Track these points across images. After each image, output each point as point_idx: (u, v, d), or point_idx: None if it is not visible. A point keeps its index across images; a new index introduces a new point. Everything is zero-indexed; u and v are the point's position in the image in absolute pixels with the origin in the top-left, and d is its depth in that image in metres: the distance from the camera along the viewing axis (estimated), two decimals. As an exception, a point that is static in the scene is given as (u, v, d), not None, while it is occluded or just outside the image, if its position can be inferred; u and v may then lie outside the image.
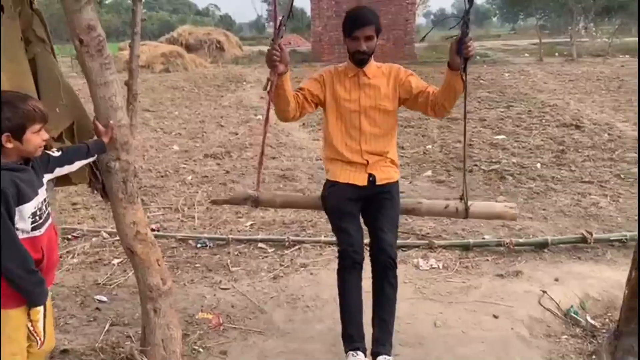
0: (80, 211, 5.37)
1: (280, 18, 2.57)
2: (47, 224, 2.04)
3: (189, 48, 22.22)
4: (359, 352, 2.58)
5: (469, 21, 2.42)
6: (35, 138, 1.95)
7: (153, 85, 14.42)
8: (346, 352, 2.63)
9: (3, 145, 1.88)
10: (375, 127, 2.81)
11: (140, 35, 2.65)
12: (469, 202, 2.86)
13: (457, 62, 2.52)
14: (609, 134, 7.99)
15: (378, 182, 2.81)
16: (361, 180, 2.80)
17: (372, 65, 2.83)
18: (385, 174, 2.84)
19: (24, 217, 1.92)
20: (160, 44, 21.18)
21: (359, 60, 2.77)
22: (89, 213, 5.33)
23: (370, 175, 2.81)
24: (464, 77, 2.55)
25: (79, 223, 4.98)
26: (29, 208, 1.93)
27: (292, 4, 2.67)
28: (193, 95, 13.49)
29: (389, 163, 2.88)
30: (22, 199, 1.90)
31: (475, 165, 6.67)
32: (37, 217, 1.98)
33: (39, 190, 2.00)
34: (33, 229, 1.96)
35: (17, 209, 1.89)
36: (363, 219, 2.86)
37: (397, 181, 2.90)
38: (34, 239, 1.97)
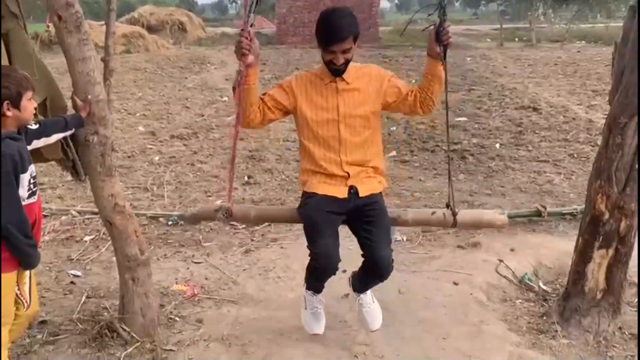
0: (47, 191, 5.35)
1: (251, 4, 2.40)
2: (38, 192, 2.13)
3: (150, 29, 21.80)
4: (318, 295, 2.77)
5: (445, 7, 2.42)
6: (30, 105, 2.04)
7: (114, 66, 14.14)
8: (307, 289, 2.79)
9: (4, 114, 1.95)
10: (355, 135, 2.61)
11: (104, 15, 2.69)
12: (457, 210, 2.73)
13: (436, 50, 2.48)
14: (564, 116, 8.33)
15: (361, 195, 2.60)
16: (341, 193, 2.59)
17: (350, 70, 2.60)
18: (367, 186, 2.63)
19: (23, 185, 2.01)
20: (121, 24, 20.70)
21: (335, 71, 2.56)
22: (56, 193, 5.33)
23: (351, 187, 2.60)
24: (444, 65, 2.51)
25: (46, 202, 4.96)
26: (26, 176, 2.02)
27: None
28: (156, 76, 13.33)
29: (372, 173, 2.68)
30: (23, 168, 1.99)
31: (437, 145, 6.89)
32: (32, 185, 2.07)
33: (31, 159, 2.09)
34: (29, 196, 2.06)
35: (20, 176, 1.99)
36: (350, 230, 2.69)
37: (381, 192, 2.71)
38: (30, 206, 2.07)
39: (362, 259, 2.61)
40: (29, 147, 2.21)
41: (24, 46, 2.49)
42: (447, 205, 2.75)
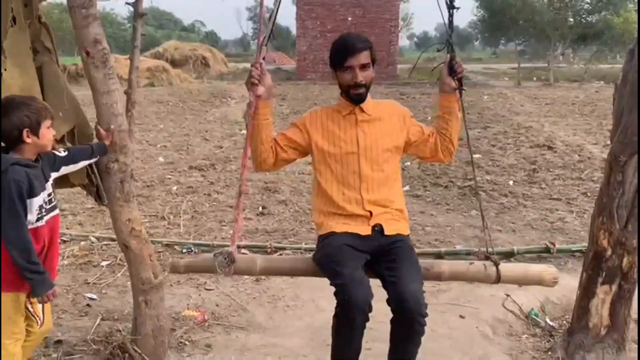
0: (68, 217, 5.52)
1: (262, 38, 2.37)
2: (49, 215, 2.24)
3: (174, 63, 22.52)
4: None
5: (452, 43, 2.42)
6: (48, 133, 2.19)
7: (138, 99, 14.44)
8: None
9: (24, 141, 2.10)
10: (378, 171, 2.37)
11: (130, 50, 2.87)
12: (499, 262, 2.45)
13: (452, 84, 2.39)
14: (579, 155, 8.36)
15: (387, 233, 2.32)
16: (364, 230, 2.31)
17: (369, 101, 2.44)
18: (393, 225, 2.35)
19: (32, 210, 2.13)
20: (146, 58, 21.39)
21: (356, 95, 2.36)
22: (77, 219, 5.50)
23: (375, 225, 2.33)
24: (460, 99, 2.43)
25: (67, 228, 5.13)
26: (37, 201, 2.15)
27: (273, 24, 2.44)
28: (178, 109, 13.71)
29: (397, 216, 2.40)
30: (32, 193, 2.12)
31: (451, 181, 6.97)
32: (43, 210, 2.19)
33: (46, 185, 2.22)
34: (37, 220, 2.18)
35: (27, 201, 2.10)
36: (375, 275, 2.29)
37: (408, 235, 2.42)
38: (36, 230, 2.18)
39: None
40: (57, 174, 2.35)
41: (56, 78, 2.68)
42: (487, 257, 2.47)
